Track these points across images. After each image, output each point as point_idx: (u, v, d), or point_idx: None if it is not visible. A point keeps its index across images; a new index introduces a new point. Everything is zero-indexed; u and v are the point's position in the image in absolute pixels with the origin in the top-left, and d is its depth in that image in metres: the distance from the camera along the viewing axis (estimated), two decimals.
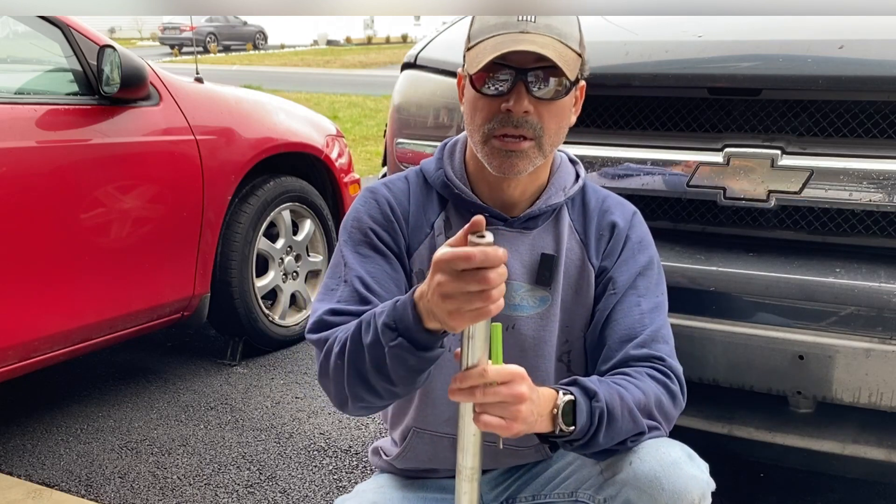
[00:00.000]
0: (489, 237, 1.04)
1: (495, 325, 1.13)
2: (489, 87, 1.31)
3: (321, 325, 1.33)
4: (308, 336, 1.35)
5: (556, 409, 1.21)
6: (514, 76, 1.29)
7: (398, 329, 1.15)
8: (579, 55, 1.34)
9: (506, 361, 1.16)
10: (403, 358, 1.16)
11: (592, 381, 1.27)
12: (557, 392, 1.23)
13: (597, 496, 1.34)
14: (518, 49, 1.27)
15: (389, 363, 1.17)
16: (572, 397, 1.23)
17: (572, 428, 1.22)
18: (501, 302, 1.05)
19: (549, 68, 1.29)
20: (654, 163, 1.85)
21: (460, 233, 1.06)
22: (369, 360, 1.20)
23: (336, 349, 1.26)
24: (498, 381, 1.11)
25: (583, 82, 1.40)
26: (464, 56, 1.38)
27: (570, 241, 1.45)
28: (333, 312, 1.32)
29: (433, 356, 1.18)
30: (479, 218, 1.04)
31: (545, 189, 1.43)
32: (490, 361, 1.13)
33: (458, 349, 1.14)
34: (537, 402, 1.17)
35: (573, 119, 1.41)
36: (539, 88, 1.30)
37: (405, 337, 1.14)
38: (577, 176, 1.48)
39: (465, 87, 1.38)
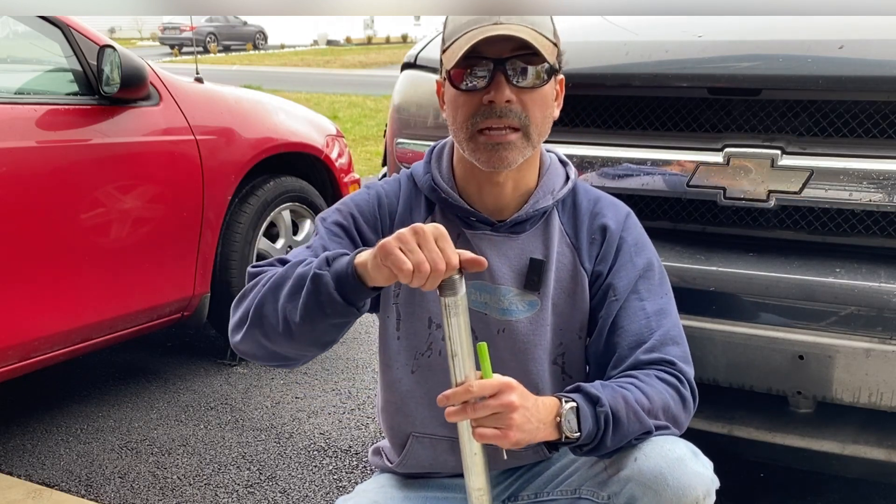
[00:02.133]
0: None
1: (481, 345, 1.17)
2: (468, 82, 1.32)
3: (266, 264, 1.35)
4: (249, 269, 1.36)
5: (559, 417, 1.22)
6: (492, 68, 1.30)
7: (329, 260, 1.22)
8: (555, 44, 1.35)
9: (499, 366, 1.19)
10: (316, 291, 1.20)
11: (595, 387, 1.27)
12: (560, 400, 1.24)
13: (601, 493, 1.34)
14: (492, 35, 1.27)
15: (306, 290, 1.21)
16: (575, 404, 1.24)
17: (577, 434, 1.23)
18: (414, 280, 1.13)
19: (526, 56, 1.30)
20: (654, 163, 1.85)
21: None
22: (292, 283, 1.24)
23: (269, 273, 1.30)
24: (487, 395, 1.14)
25: (561, 76, 1.40)
26: (440, 60, 1.38)
27: (561, 245, 1.44)
28: (283, 262, 1.34)
29: (343, 307, 1.20)
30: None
31: (533, 193, 1.42)
32: (480, 376, 1.16)
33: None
34: (534, 410, 1.19)
35: (557, 113, 1.41)
36: (519, 79, 1.30)
37: (332, 268, 1.20)
38: (567, 177, 1.47)
39: (444, 91, 1.38)
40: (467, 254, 1.16)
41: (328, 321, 1.23)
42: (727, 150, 1.78)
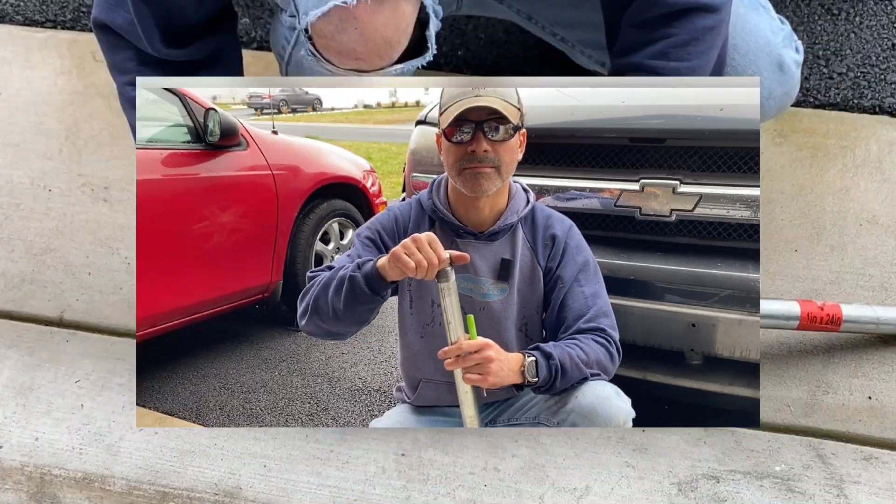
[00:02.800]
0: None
1: (469, 316, 1.19)
2: (457, 137, 1.32)
3: (319, 270, 1.36)
4: (308, 274, 1.37)
5: (523, 367, 1.22)
6: (473, 127, 1.31)
7: (360, 265, 1.23)
8: (518, 109, 1.35)
9: (480, 333, 1.20)
10: (352, 287, 1.21)
11: (549, 346, 1.27)
12: (524, 355, 1.24)
13: (552, 419, 1.34)
14: (475, 105, 1.29)
15: (345, 287, 1.22)
16: (534, 358, 1.24)
17: (536, 380, 1.23)
18: (415, 271, 1.14)
19: (498, 119, 1.30)
20: (592, 190, 1.85)
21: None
22: (335, 283, 1.25)
23: (320, 277, 1.31)
24: (472, 351, 1.16)
25: (524, 130, 1.40)
26: (438, 120, 1.39)
27: (524, 248, 1.43)
28: (330, 268, 1.34)
29: (371, 296, 1.22)
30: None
31: (503, 213, 1.42)
32: (468, 338, 1.18)
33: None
34: (505, 362, 1.20)
35: (520, 156, 1.41)
36: (493, 134, 1.31)
37: (362, 271, 1.22)
38: (528, 201, 1.47)
39: (441, 142, 1.39)
40: (455, 252, 1.19)
41: (362, 307, 1.25)
42: (642, 180, 1.78)
